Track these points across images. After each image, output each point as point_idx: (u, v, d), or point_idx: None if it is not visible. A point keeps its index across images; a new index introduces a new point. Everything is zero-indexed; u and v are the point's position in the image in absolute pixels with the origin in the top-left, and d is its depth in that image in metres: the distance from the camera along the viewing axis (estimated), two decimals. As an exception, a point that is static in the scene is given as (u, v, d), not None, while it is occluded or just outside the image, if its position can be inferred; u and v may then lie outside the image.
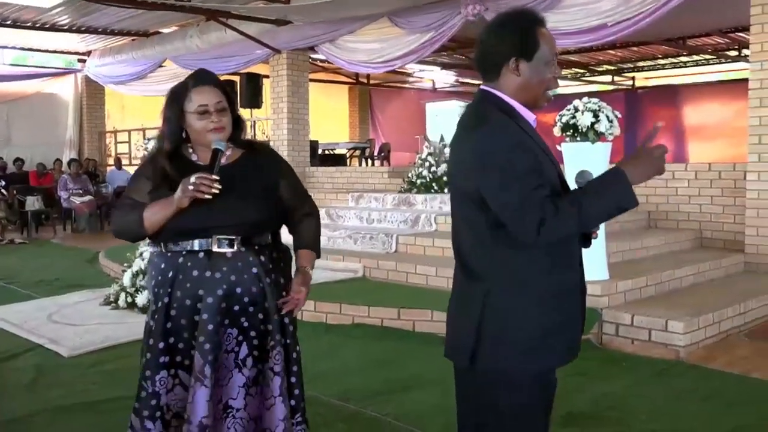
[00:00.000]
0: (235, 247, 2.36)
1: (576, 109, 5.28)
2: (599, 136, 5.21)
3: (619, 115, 5.32)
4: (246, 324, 2.39)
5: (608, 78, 17.68)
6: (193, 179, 2.25)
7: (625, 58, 15.30)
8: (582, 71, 16.76)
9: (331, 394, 4.03)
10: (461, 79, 18.27)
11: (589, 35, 7.68)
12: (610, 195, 1.83)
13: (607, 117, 5.20)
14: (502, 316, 1.93)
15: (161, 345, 2.35)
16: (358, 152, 15.41)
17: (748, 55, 8.77)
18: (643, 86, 17.97)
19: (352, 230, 7.70)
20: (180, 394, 2.37)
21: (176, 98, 2.41)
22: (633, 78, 17.78)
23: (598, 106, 5.24)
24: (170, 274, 2.36)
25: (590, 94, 18.44)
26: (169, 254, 2.40)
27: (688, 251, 6.91)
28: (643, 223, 7.54)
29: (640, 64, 16.06)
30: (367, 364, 4.63)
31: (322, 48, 10.60)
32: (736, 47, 13.40)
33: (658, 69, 16.55)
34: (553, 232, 1.81)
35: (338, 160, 14.35)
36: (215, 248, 2.35)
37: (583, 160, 5.29)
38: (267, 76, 12.10)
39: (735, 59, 14.17)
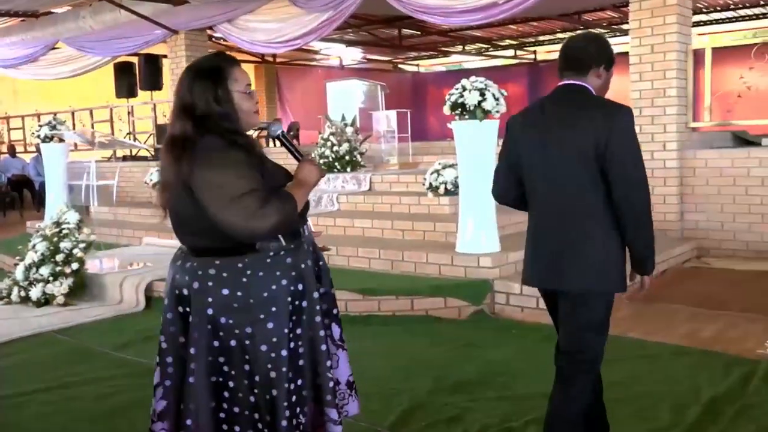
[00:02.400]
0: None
1: (464, 88, 5.46)
2: (486, 114, 5.42)
3: (506, 93, 5.54)
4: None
5: (511, 52, 18.13)
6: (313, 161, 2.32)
7: (526, 32, 15.73)
8: (486, 46, 17.11)
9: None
10: (368, 56, 18.36)
11: (481, 13, 7.86)
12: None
13: (493, 95, 5.41)
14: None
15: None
16: (265, 133, 15.28)
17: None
18: (544, 59, 18.49)
19: (255, 213, 7.72)
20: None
21: (223, 76, 2.19)
22: (535, 52, 18.28)
23: (485, 84, 5.43)
24: (303, 266, 2.26)
25: (495, 68, 18.94)
26: (293, 246, 2.24)
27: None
28: (537, 195, 7.85)
29: (541, 38, 16.54)
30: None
31: (220, 28, 10.46)
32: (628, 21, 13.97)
33: (558, 43, 17.06)
34: (647, 197, 2.50)
35: (245, 142, 14.18)
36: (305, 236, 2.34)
37: (472, 138, 5.52)
38: (167, 56, 11.85)
39: (627, 33, 14.76)
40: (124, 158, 13.36)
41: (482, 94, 5.38)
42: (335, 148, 8.56)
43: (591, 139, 2.47)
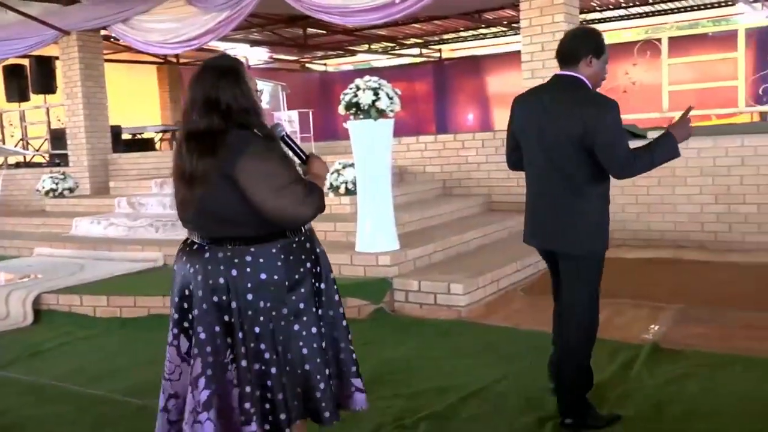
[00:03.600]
0: None
1: (357, 88, 5.46)
2: (381, 114, 5.43)
3: (399, 92, 5.56)
4: None
5: (417, 51, 18.30)
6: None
7: (430, 31, 15.88)
8: (392, 45, 17.21)
9: (119, 391, 3.97)
10: (275, 56, 18.15)
11: (378, 12, 7.88)
12: (667, 147, 2.96)
13: (387, 95, 5.42)
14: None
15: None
16: (169, 135, 14.90)
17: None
18: (449, 58, 18.76)
19: (153, 218, 7.50)
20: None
21: (242, 75, 2.32)
22: (440, 50, 18.51)
23: (378, 84, 5.43)
24: (318, 250, 2.41)
25: (402, 67, 19.00)
26: (309, 232, 2.40)
27: (477, 216, 7.39)
28: (438, 191, 7.96)
29: (445, 36, 16.74)
30: (160, 357, 4.55)
31: (114, 28, 10.09)
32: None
33: (461, 41, 17.35)
34: (634, 172, 2.99)
35: (147, 145, 13.78)
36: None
37: (367, 137, 5.52)
38: (59, 58, 11.36)
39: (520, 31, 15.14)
40: (18, 165, 12.73)
41: (376, 94, 5.38)
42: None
43: (581, 126, 2.91)
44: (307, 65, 20.43)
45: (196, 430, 2.22)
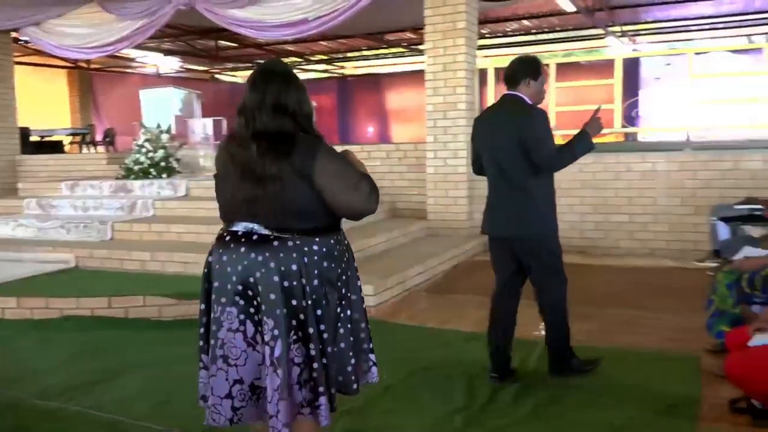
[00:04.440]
0: None
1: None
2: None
3: (315, 105, 5.43)
4: None
5: (323, 67, 18.21)
6: None
7: (335, 49, 15.84)
8: (299, 60, 17.05)
9: (32, 394, 3.66)
10: (186, 65, 17.57)
11: (292, 29, 7.77)
12: (583, 142, 3.42)
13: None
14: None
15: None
16: (79, 138, 14.11)
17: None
18: (352, 74, 18.79)
19: (64, 220, 7.04)
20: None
21: (301, 83, 2.38)
22: (343, 67, 18.50)
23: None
24: (346, 242, 2.46)
25: (308, 81, 18.87)
26: (341, 235, 2.43)
27: (383, 222, 7.37)
28: (346, 198, 7.87)
29: (349, 54, 16.75)
30: (74, 358, 4.26)
31: (26, 31, 9.45)
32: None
33: (364, 59, 17.41)
34: (559, 164, 3.45)
35: (55, 148, 12.96)
36: None
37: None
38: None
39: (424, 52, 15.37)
40: None
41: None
42: (150, 154, 8.05)
43: (518, 131, 3.38)
44: (217, 76, 19.92)
45: (281, 408, 2.21)
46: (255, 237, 2.27)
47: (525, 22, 12.79)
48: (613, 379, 3.68)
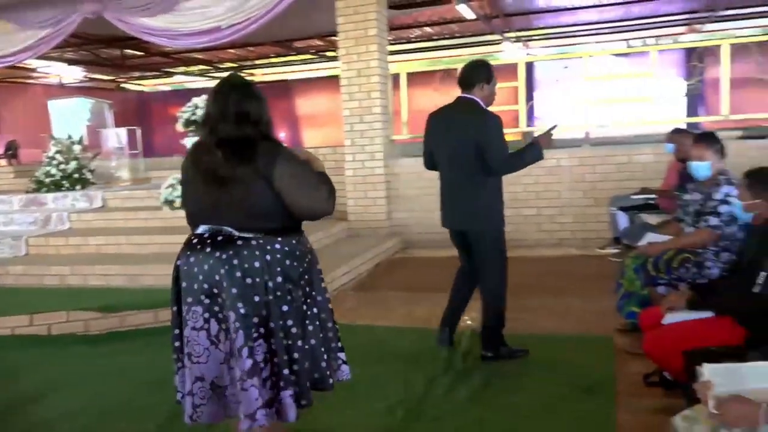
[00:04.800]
0: None
1: (196, 107, 5.18)
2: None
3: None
4: None
5: (232, 74, 17.81)
6: None
7: (244, 56, 15.55)
8: (208, 68, 16.62)
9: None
10: (90, 75, 16.74)
11: (206, 36, 7.54)
12: (533, 152, 3.62)
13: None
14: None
15: None
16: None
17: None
18: (261, 81, 18.47)
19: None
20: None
21: (261, 93, 2.45)
22: (253, 74, 18.18)
23: (215, 102, 5.18)
24: (308, 244, 2.49)
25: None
26: (303, 237, 2.45)
27: (307, 224, 7.27)
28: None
29: (258, 61, 16.48)
30: (-2, 379, 3.98)
31: None
32: (333, 49, 14.50)
33: (274, 66, 17.18)
34: (510, 169, 3.68)
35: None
36: None
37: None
38: None
39: (332, 59, 15.34)
40: None
41: (213, 112, 5.12)
42: (62, 166, 7.62)
43: (473, 134, 3.52)
44: (124, 85, 19.10)
45: (242, 398, 2.22)
46: (220, 238, 2.30)
47: (427, 29, 13.00)
48: (538, 362, 3.81)
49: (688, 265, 3.61)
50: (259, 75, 18.29)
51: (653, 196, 5.69)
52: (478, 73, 3.65)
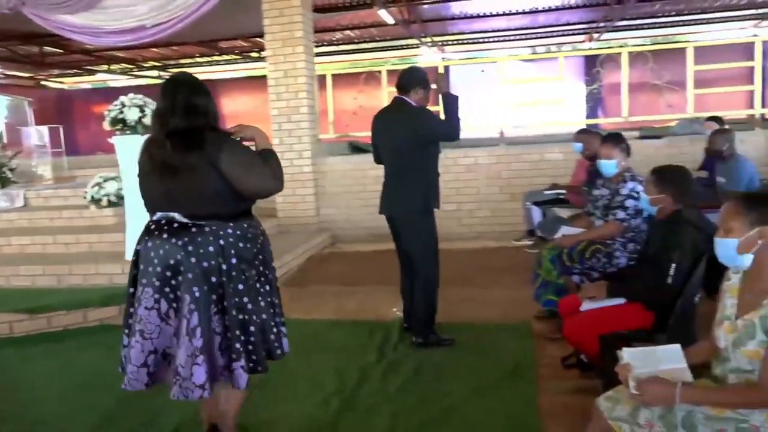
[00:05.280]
0: None
1: (123, 105, 4.94)
2: (147, 129, 4.95)
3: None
4: None
5: (155, 73, 17.14)
6: None
7: (168, 56, 14.99)
8: (130, 66, 15.92)
9: None
10: (6, 72, 15.69)
11: (129, 35, 7.20)
12: (448, 100, 3.82)
13: (152, 111, 4.97)
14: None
15: None
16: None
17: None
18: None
19: None
20: None
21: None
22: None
23: (143, 101, 4.98)
24: (261, 237, 2.57)
25: (141, 87, 17.79)
26: (254, 220, 2.57)
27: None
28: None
29: (182, 61, 15.92)
30: None
31: None
32: (258, 50, 14.21)
33: (198, 66, 16.65)
34: (455, 124, 3.80)
35: None
36: None
37: (134, 152, 4.97)
38: None
39: (257, 59, 15.04)
40: None
41: (142, 110, 4.93)
42: (-19, 166, 7.11)
43: (411, 129, 3.77)
44: (43, 83, 18.03)
45: (194, 372, 2.32)
46: (175, 225, 2.40)
47: (349, 32, 12.95)
48: (464, 350, 3.86)
49: (599, 255, 3.75)
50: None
51: (563, 191, 5.88)
52: (415, 78, 3.87)
